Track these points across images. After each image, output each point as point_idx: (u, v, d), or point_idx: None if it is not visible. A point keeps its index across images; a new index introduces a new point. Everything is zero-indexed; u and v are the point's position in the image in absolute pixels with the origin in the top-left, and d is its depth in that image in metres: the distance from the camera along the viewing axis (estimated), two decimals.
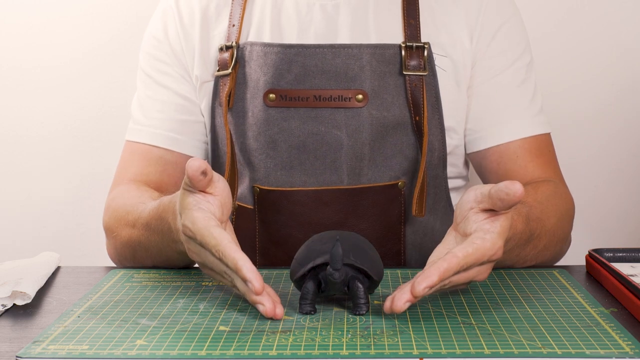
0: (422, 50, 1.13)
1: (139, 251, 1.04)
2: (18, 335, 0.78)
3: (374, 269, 0.82)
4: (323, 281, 0.81)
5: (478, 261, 0.79)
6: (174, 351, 0.71)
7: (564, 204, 1.10)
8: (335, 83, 1.12)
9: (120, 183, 1.18)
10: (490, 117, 1.16)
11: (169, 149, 1.18)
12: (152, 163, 1.18)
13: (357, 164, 1.12)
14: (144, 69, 1.22)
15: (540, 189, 1.09)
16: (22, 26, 1.74)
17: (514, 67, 1.17)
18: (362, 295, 0.80)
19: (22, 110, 1.77)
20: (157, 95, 1.19)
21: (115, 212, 1.10)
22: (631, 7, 1.66)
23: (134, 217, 1.04)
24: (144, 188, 1.13)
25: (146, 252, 1.02)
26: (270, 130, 1.13)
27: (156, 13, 1.23)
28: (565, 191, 1.13)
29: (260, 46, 1.14)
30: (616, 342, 0.72)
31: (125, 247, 1.07)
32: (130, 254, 1.06)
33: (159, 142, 1.18)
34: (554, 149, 1.19)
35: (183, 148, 1.19)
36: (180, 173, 1.18)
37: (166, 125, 1.18)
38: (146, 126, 1.18)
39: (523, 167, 1.15)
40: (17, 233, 1.80)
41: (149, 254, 1.02)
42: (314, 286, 0.81)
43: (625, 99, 1.69)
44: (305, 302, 0.81)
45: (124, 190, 1.14)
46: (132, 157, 1.19)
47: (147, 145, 1.18)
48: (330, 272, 0.79)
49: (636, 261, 0.99)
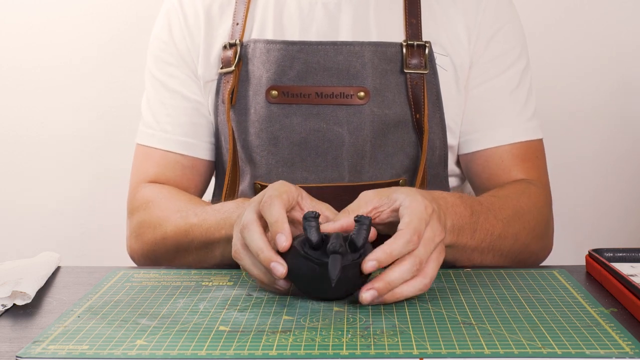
0: (423, 48, 1.13)
1: (183, 244, 1.04)
2: (18, 335, 0.78)
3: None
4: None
5: (419, 220, 0.82)
6: (174, 351, 0.71)
7: (528, 202, 1.09)
8: (337, 80, 1.12)
9: (140, 184, 1.18)
10: (481, 121, 1.17)
11: (183, 154, 1.19)
12: (170, 168, 1.19)
13: (359, 161, 1.13)
14: (152, 71, 1.22)
15: (506, 186, 1.11)
16: (22, 26, 1.75)
17: (508, 72, 1.17)
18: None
19: (22, 110, 1.77)
20: (166, 99, 1.20)
21: (160, 205, 1.10)
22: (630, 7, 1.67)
23: (186, 211, 1.06)
24: (178, 190, 1.15)
25: (191, 244, 1.03)
26: (272, 127, 1.13)
27: (160, 14, 1.23)
28: (537, 192, 1.13)
29: (263, 43, 1.14)
30: (616, 342, 0.72)
31: (168, 240, 1.07)
32: (172, 247, 1.06)
33: (172, 148, 1.19)
34: (543, 155, 1.19)
35: (195, 151, 1.20)
36: (198, 176, 1.21)
37: (178, 130, 1.19)
38: (158, 131, 1.19)
39: (506, 171, 1.16)
40: (17, 233, 1.80)
41: (194, 247, 1.03)
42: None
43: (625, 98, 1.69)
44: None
45: (159, 188, 1.15)
46: (147, 160, 1.20)
47: (161, 151, 1.19)
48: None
49: (636, 261, 0.99)
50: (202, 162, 1.21)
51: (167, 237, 1.07)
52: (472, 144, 1.18)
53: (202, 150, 1.20)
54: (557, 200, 1.26)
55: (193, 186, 1.20)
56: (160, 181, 1.18)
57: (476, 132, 1.17)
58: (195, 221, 1.03)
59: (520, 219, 1.05)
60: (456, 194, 0.98)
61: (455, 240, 0.94)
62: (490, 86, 1.17)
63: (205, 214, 1.03)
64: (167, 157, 1.19)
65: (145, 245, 1.11)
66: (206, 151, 1.21)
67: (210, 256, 1.02)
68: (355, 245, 0.81)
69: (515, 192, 1.09)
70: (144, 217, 1.12)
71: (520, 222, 1.05)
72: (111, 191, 1.79)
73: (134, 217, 1.15)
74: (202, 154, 1.21)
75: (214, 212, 1.02)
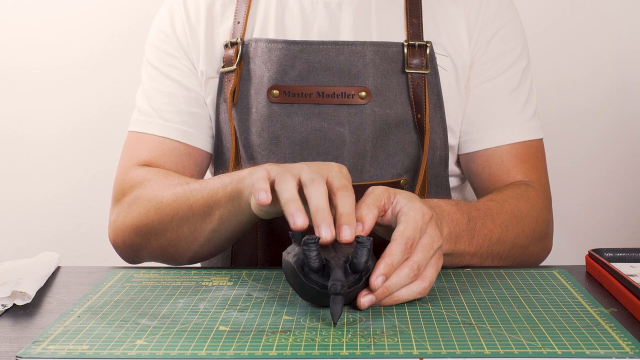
0: (425, 48, 1.14)
1: (181, 210, 1.01)
2: (18, 335, 0.78)
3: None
4: None
5: (413, 229, 0.81)
6: (174, 351, 0.71)
7: (526, 204, 1.09)
8: (338, 80, 1.12)
9: (133, 167, 1.15)
10: (481, 121, 1.17)
11: (181, 141, 1.17)
12: (166, 153, 1.16)
13: (360, 161, 1.13)
14: (150, 61, 1.21)
15: (504, 190, 1.11)
16: (22, 27, 1.75)
17: (508, 72, 1.17)
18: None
19: (22, 110, 1.77)
20: (165, 87, 1.19)
21: (157, 181, 1.08)
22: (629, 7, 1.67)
23: (189, 183, 1.03)
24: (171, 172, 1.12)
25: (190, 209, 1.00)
26: (273, 126, 1.13)
27: (163, 8, 1.23)
28: (535, 194, 1.12)
29: (265, 42, 1.14)
30: (616, 342, 0.72)
31: (164, 209, 1.03)
32: (167, 216, 1.03)
33: (170, 135, 1.17)
34: (543, 155, 1.19)
35: (194, 140, 1.18)
36: (194, 164, 1.18)
37: (177, 118, 1.17)
38: (156, 118, 1.17)
39: (506, 172, 1.15)
40: (17, 233, 1.80)
41: (192, 211, 1.00)
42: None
43: (625, 97, 1.69)
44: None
45: (156, 170, 1.12)
46: (141, 145, 1.17)
47: (159, 137, 1.17)
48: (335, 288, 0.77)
49: (636, 261, 0.99)
50: (199, 152, 1.19)
51: (163, 206, 1.03)
52: (472, 144, 1.18)
53: (200, 140, 1.19)
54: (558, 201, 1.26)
55: (189, 174, 1.17)
56: (153, 166, 1.15)
57: (476, 132, 1.17)
58: (197, 186, 1.00)
59: (519, 223, 1.05)
60: (452, 201, 0.98)
61: (453, 248, 0.94)
62: (490, 86, 1.17)
63: (208, 180, 1.00)
64: (163, 143, 1.17)
65: (135, 219, 1.07)
66: (204, 142, 1.20)
67: (207, 221, 0.98)
68: (357, 268, 0.79)
69: (513, 196, 1.09)
70: (138, 194, 1.09)
71: (519, 226, 1.05)
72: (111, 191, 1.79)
73: (125, 198, 1.11)
74: (200, 144, 1.19)
75: (217, 177, 0.99)
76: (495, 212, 1.03)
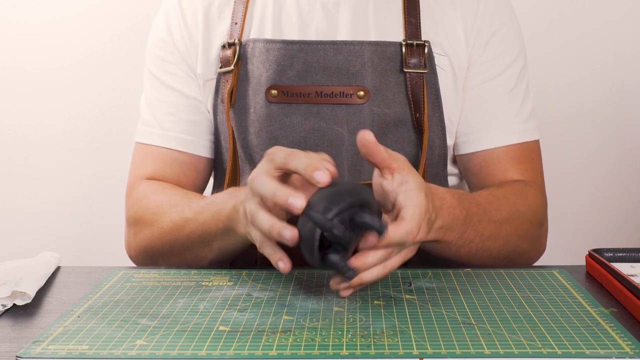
0: (423, 48, 1.14)
1: (180, 238, 1.04)
2: (18, 335, 0.78)
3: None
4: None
5: (402, 237, 0.82)
6: (174, 351, 0.71)
7: (524, 203, 1.09)
8: (336, 79, 1.12)
9: (138, 181, 1.18)
10: (478, 122, 1.17)
11: (182, 151, 1.19)
12: (168, 165, 1.19)
13: (358, 161, 1.13)
14: (151, 70, 1.22)
15: (504, 186, 1.11)
16: (22, 27, 1.75)
17: (505, 73, 1.17)
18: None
19: (22, 111, 1.77)
20: (165, 97, 1.20)
21: (155, 200, 1.11)
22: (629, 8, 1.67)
23: (181, 206, 1.06)
24: (174, 186, 1.15)
25: (188, 239, 1.03)
26: (271, 126, 1.13)
27: (159, 13, 1.23)
28: (533, 194, 1.12)
29: (263, 42, 1.14)
30: (616, 342, 0.72)
31: (164, 236, 1.06)
32: (169, 242, 1.06)
33: (171, 145, 1.19)
34: (539, 156, 1.19)
35: (194, 149, 1.20)
36: (196, 173, 1.21)
37: (177, 127, 1.19)
38: (157, 128, 1.19)
39: (503, 172, 1.16)
40: (17, 233, 1.80)
41: (191, 242, 1.03)
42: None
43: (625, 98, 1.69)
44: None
45: (155, 184, 1.15)
46: (146, 158, 1.20)
47: (160, 148, 1.19)
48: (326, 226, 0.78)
49: (636, 261, 0.99)
50: (201, 160, 1.21)
51: (164, 233, 1.06)
52: (470, 145, 1.18)
53: (201, 147, 1.20)
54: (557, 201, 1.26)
55: (191, 183, 1.20)
56: (158, 178, 1.18)
57: (473, 133, 1.17)
58: (190, 215, 1.03)
59: (514, 221, 1.05)
60: (456, 194, 0.98)
61: (442, 236, 0.94)
62: (487, 87, 1.17)
63: (200, 207, 1.03)
64: (166, 154, 1.19)
65: (142, 242, 1.11)
66: (205, 149, 1.21)
67: (207, 250, 1.02)
68: (358, 225, 0.81)
69: (512, 193, 1.09)
70: (140, 215, 1.12)
71: (513, 224, 1.05)
72: (111, 191, 1.79)
73: (131, 218, 1.15)
74: (201, 151, 1.20)
75: (207, 205, 1.01)
76: (495, 209, 1.03)
